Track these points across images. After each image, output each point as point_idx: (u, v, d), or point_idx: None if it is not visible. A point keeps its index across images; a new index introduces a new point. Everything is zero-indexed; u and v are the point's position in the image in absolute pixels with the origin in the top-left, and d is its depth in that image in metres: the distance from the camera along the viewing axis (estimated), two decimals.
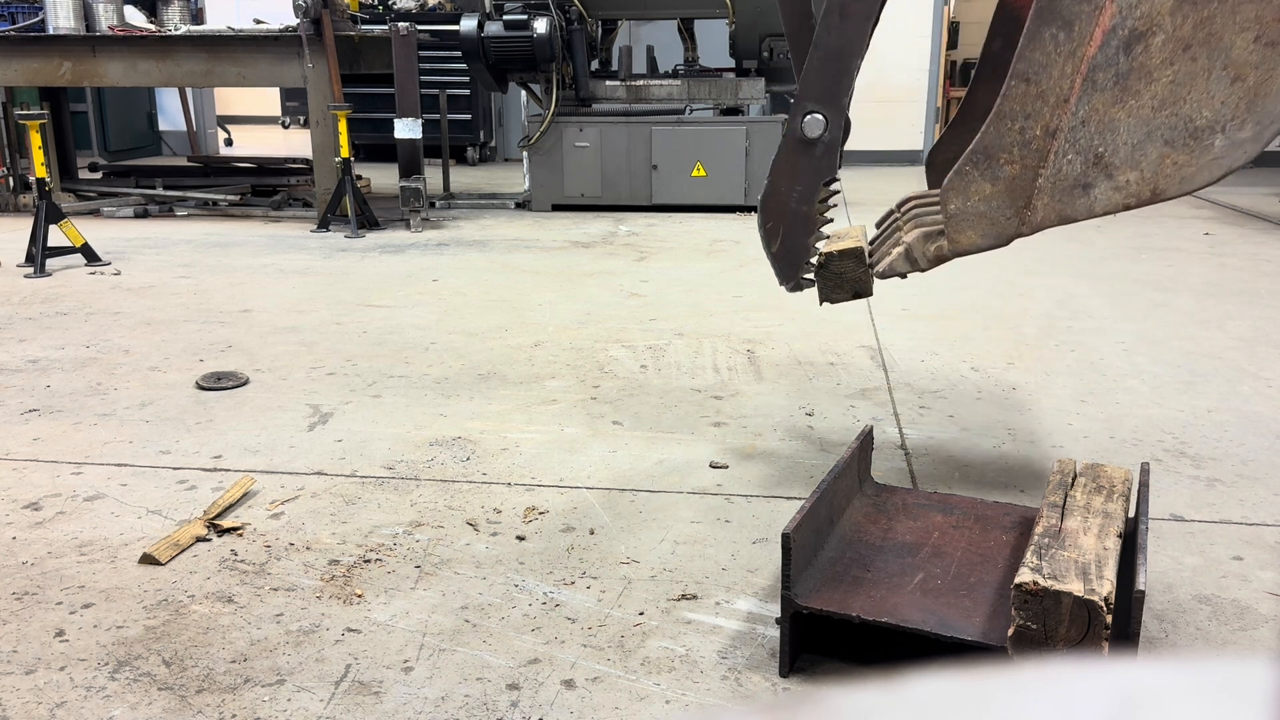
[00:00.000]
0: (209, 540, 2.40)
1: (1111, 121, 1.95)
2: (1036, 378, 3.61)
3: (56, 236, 5.57)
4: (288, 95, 12.87)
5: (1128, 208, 2.00)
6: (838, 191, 2.67)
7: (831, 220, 2.55)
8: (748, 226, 6.89)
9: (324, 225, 6.80)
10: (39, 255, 5.41)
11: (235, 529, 2.45)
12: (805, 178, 2.46)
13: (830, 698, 0.28)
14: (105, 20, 7.14)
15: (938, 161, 2.77)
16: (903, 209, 2.43)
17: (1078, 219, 2.04)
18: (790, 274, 2.54)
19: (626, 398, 3.42)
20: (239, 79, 7.00)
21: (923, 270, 2.22)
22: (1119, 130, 1.96)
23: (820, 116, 2.40)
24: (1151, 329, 4.24)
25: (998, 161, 2.03)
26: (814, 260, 2.47)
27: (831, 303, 2.49)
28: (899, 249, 2.23)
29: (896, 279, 2.40)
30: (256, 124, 14.91)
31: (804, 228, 2.50)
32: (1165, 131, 1.94)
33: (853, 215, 7.12)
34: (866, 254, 2.41)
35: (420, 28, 7.28)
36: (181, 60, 6.95)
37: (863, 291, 2.44)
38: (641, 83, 7.60)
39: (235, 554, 2.34)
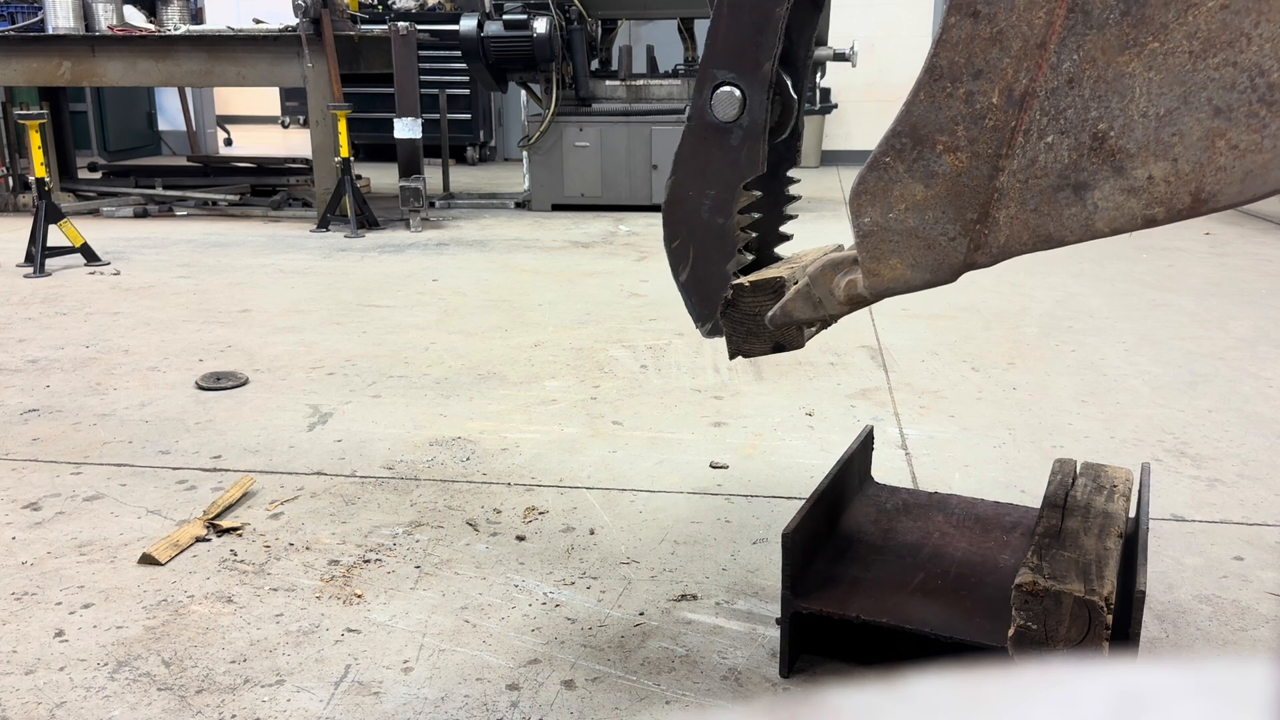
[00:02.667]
0: (209, 540, 2.40)
1: (1120, 79, 1.24)
2: (1036, 378, 3.61)
3: (56, 236, 5.57)
4: (287, 95, 12.87)
5: (1151, 223, 1.27)
6: (794, 198, 2.03)
7: (750, 237, 1.84)
8: None
9: (324, 225, 6.80)
10: (38, 255, 5.41)
11: (235, 529, 2.45)
12: (718, 178, 1.77)
13: (830, 698, 0.28)
14: (105, 20, 7.14)
15: None
16: None
17: (1066, 240, 1.32)
18: (706, 311, 1.84)
19: (626, 398, 3.42)
20: (239, 79, 7.00)
21: (832, 317, 1.62)
22: (1133, 92, 1.24)
23: (734, 90, 1.71)
24: (1152, 329, 4.24)
25: (932, 148, 1.36)
26: (726, 295, 1.83)
27: (745, 355, 1.83)
28: (799, 285, 1.62)
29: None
30: (256, 124, 14.91)
31: (720, 248, 1.80)
32: (1215, 93, 1.21)
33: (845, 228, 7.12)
34: (789, 287, 1.77)
35: (420, 27, 7.28)
36: (181, 60, 6.95)
37: (787, 342, 1.80)
38: (641, 82, 7.61)
39: (235, 554, 2.34)
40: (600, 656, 1.94)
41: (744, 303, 1.79)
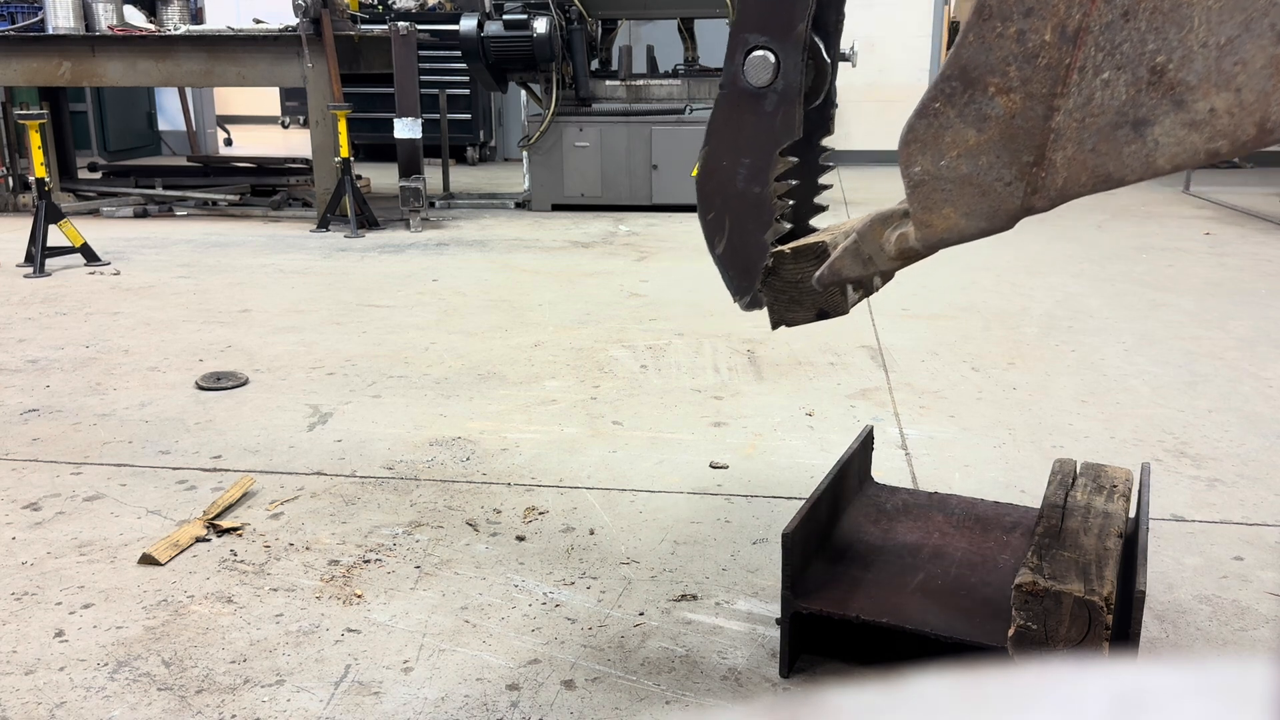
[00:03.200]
0: (208, 540, 2.40)
1: (1177, 9, 1.20)
2: (1036, 378, 3.61)
3: (56, 236, 5.57)
4: (287, 95, 12.87)
5: (1215, 156, 1.22)
6: (828, 168, 1.97)
7: (787, 205, 1.82)
8: None
9: (324, 225, 6.80)
10: (38, 255, 5.41)
11: (235, 529, 2.45)
12: (754, 145, 1.72)
13: (830, 698, 0.28)
14: (105, 20, 7.14)
15: None
16: None
17: (1127, 180, 1.27)
18: (745, 284, 1.81)
19: (626, 398, 3.42)
20: (239, 79, 7.00)
21: (883, 272, 1.56)
22: (1192, 23, 1.20)
23: (768, 53, 1.67)
24: (1152, 329, 4.24)
25: (984, 90, 1.32)
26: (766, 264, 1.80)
27: (788, 324, 1.79)
28: (846, 243, 1.56)
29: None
30: (256, 124, 14.90)
31: (757, 218, 1.76)
32: (1278, 18, 1.18)
33: (853, 216, 7.12)
34: (832, 251, 1.72)
35: (420, 27, 7.28)
36: (181, 60, 6.95)
37: (831, 308, 1.76)
38: (641, 82, 7.61)
39: (235, 554, 2.34)
40: (600, 656, 1.94)
41: (786, 270, 1.75)
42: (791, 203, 1.85)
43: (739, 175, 1.75)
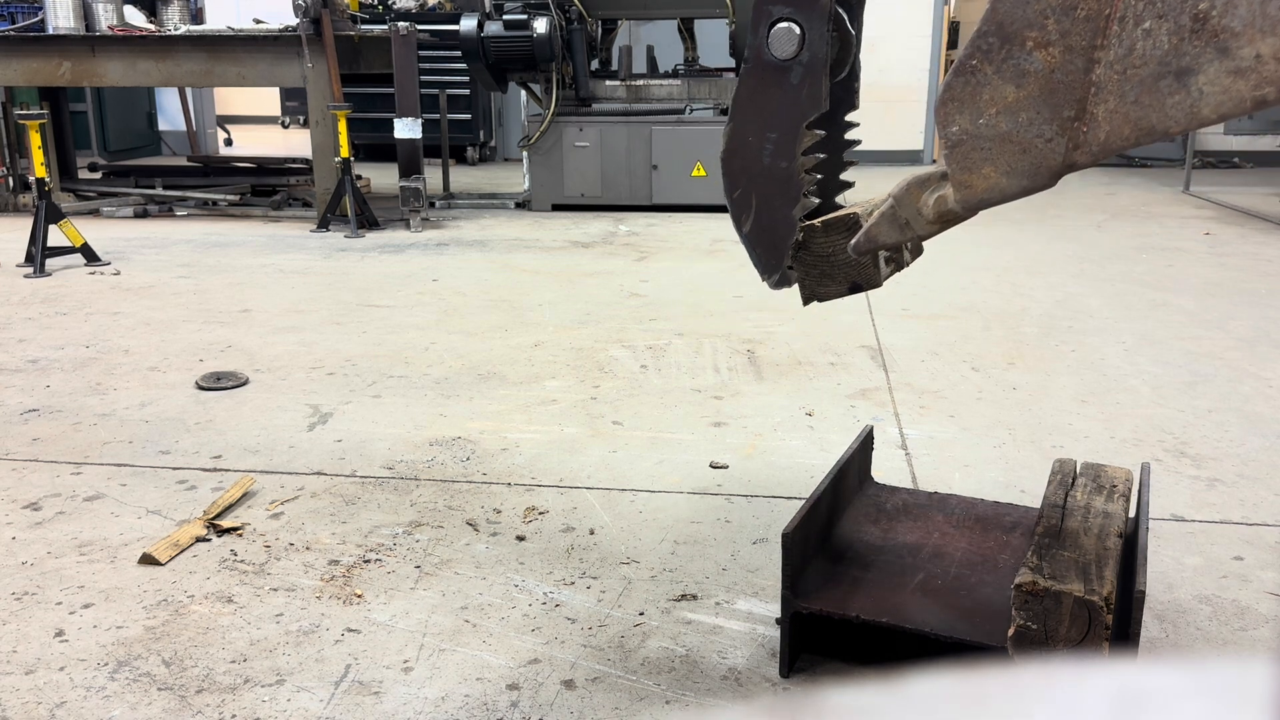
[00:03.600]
0: (209, 540, 2.40)
1: None
2: (1036, 378, 3.61)
3: (56, 236, 5.57)
4: (287, 95, 12.87)
5: (1261, 104, 1.19)
6: (855, 143, 1.93)
7: (815, 180, 1.79)
8: None
9: (324, 225, 6.80)
10: (39, 255, 5.41)
11: (235, 529, 2.45)
12: (780, 119, 1.69)
13: (830, 698, 0.28)
14: (105, 20, 7.14)
15: None
16: None
17: (1171, 131, 1.24)
18: (773, 262, 1.77)
19: (626, 398, 3.42)
20: (239, 79, 7.00)
21: (921, 237, 1.52)
22: None
23: (793, 25, 1.64)
24: (1152, 329, 4.24)
25: (1022, 45, 1.28)
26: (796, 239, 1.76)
27: (820, 299, 1.77)
28: (883, 207, 1.53)
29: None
30: (256, 124, 14.90)
31: (785, 193, 1.72)
32: None
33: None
34: (864, 221, 1.69)
35: (420, 27, 7.28)
36: (181, 60, 6.95)
37: (864, 280, 1.73)
38: (641, 83, 7.61)
39: (235, 554, 2.34)
40: (600, 656, 1.94)
41: (816, 244, 1.72)
42: (819, 177, 1.80)
43: (765, 150, 1.72)
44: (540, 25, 7.09)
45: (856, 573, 2.00)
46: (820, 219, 1.73)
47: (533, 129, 7.56)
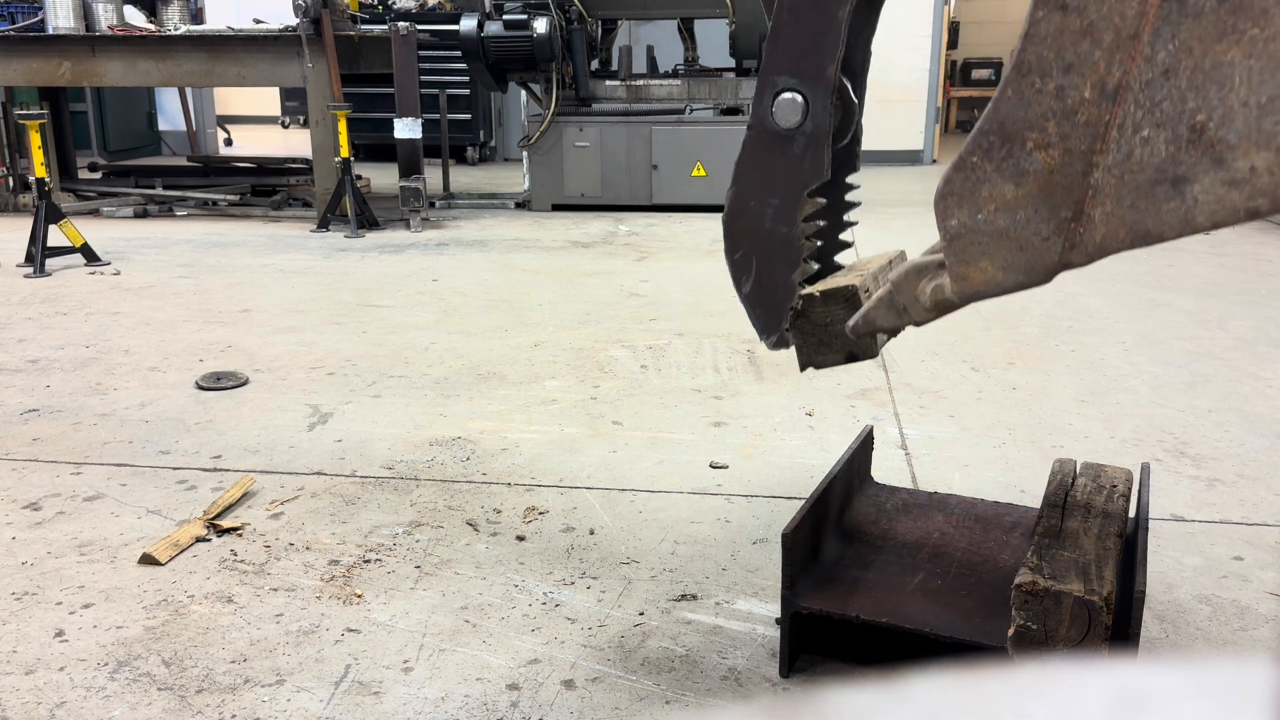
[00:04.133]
0: (209, 540, 2.40)
1: (1218, 68, 1.20)
2: (1036, 378, 3.61)
3: (56, 236, 5.57)
4: (287, 95, 12.87)
5: (1254, 215, 1.23)
6: (854, 204, 2.00)
7: (815, 246, 1.83)
8: None
9: (324, 225, 6.80)
10: (39, 255, 5.41)
11: (235, 529, 2.45)
12: (781, 186, 1.74)
13: (830, 698, 0.28)
14: (105, 20, 7.14)
15: None
16: None
17: (1166, 236, 1.27)
18: (772, 323, 1.82)
19: (626, 398, 3.42)
20: (239, 79, 7.00)
21: (917, 323, 1.55)
22: (1233, 81, 1.20)
23: (797, 96, 1.68)
24: (1152, 329, 4.24)
25: (1022, 145, 1.32)
26: (794, 305, 1.81)
27: (816, 367, 1.81)
28: (881, 292, 1.57)
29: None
30: (256, 124, 14.91)
31: (786, 258, 1.77)
32: None
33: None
34: (865, 296, 1.76)
35: (420, 28, 7.28)
36: (181, 60, 6.95)
37: (860, 351, 1.77)
38: (641, 83, 7.61)
39: (235, 554, 2.34)
40: (600, 656, 1.94)
41: (815, 313, 1.76)
42: (819, 243, 1.84)
43: (766, 215, 1.76)
44: (540, 25, 7.09)
45: (856, 573, 2.00)
46: (820, 288, 1.76)
47: (533, 129, 7.56)
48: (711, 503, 2.63)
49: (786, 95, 1.69)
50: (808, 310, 1.76)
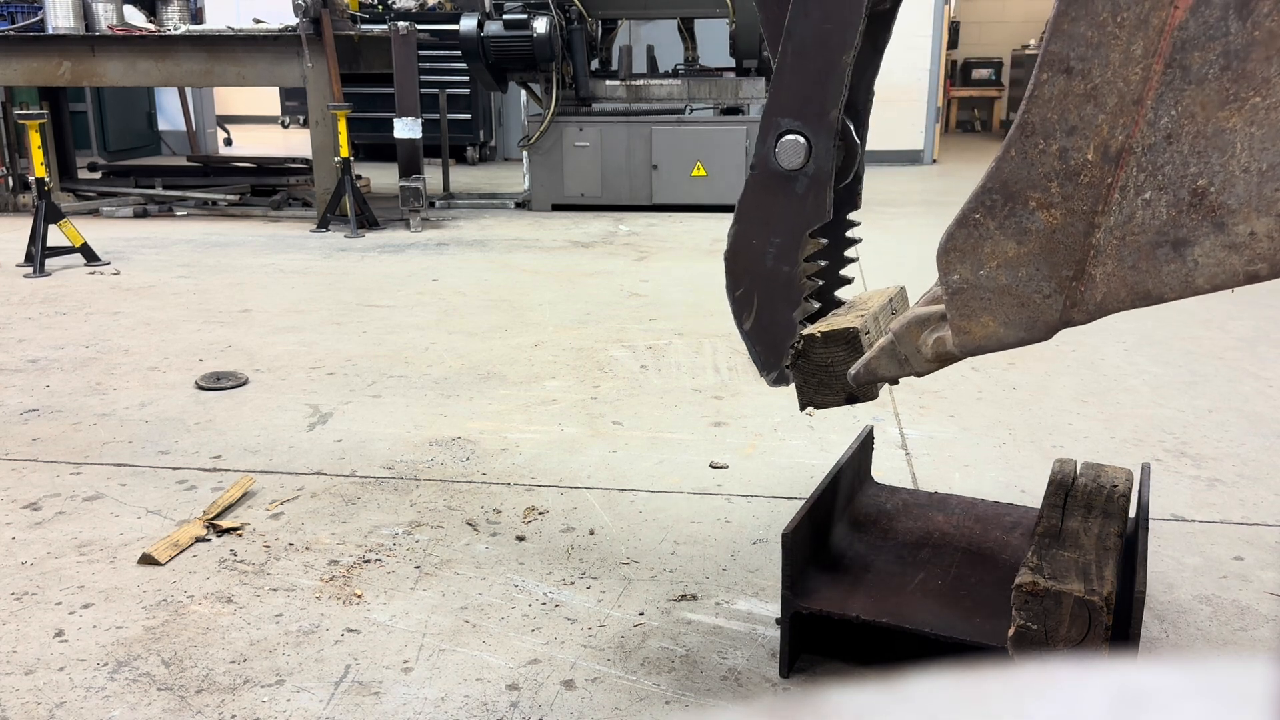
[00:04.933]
0: (208, 540, 2.40)
1: (1220, 134, 1.23)
2: (1036, 378, 3.61)
3: (56, 236, 5.57)
4: (287, 95, 12.87)
5: (1254, 279, 1.26)
6: (855, 241, 2.01)
7: (816, 285, 1.85)
8: None
9: (324, 225, 6.80)
10: (38, 255, 5.41)
11: (235, 529, 2.45)
12: (784, 226, 1.76)
13: (830, 698, 0.28)
14: (104, 20, 7.14)
15: None
16: None
17: (1166, 297, 1.30)
18: (772, 360, 1.84)
19: (626, 398, 3.42)
20: (239, 79, 7.00)
21: (918, 373, 1.56)
22: (1234, 148, 1.23)
23: (799, 138, 1.70)
24: (1152, 329, 4.24)
25: (1025, 204, 1.34)
26: (794, 345, 1.82)
27: (816, 407, 1.82)
28: (882, 340, 1.58)
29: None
30: (256, 124, 14.91)
31: (787, 296, 1.79)
32: None
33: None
34: (866, 339, 1.76)
35: (420, 27, 7.28)
36: (181, 60, 6.95)
37: (860, 394, 1.79)
38: (641, 82, 7.61)
39: (235, 554, 2.34)
40: (600, 656, 1.94)
41: (816, 354, 1.77)
42: (820, 282, 1.87)
43: (768, 254, 1.78)
44: (540, 25, 7.09)
45: (856, 573, 2.00)
46: (820, 329, 1.78)
47: (533, 129, 7.56)
48: (711, 503, 2.63)
49: (790, 137, 1.72)
50: (808, 351, 1.78)
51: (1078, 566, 1.68)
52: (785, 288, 1.78)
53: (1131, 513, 2.07)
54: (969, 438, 3.06)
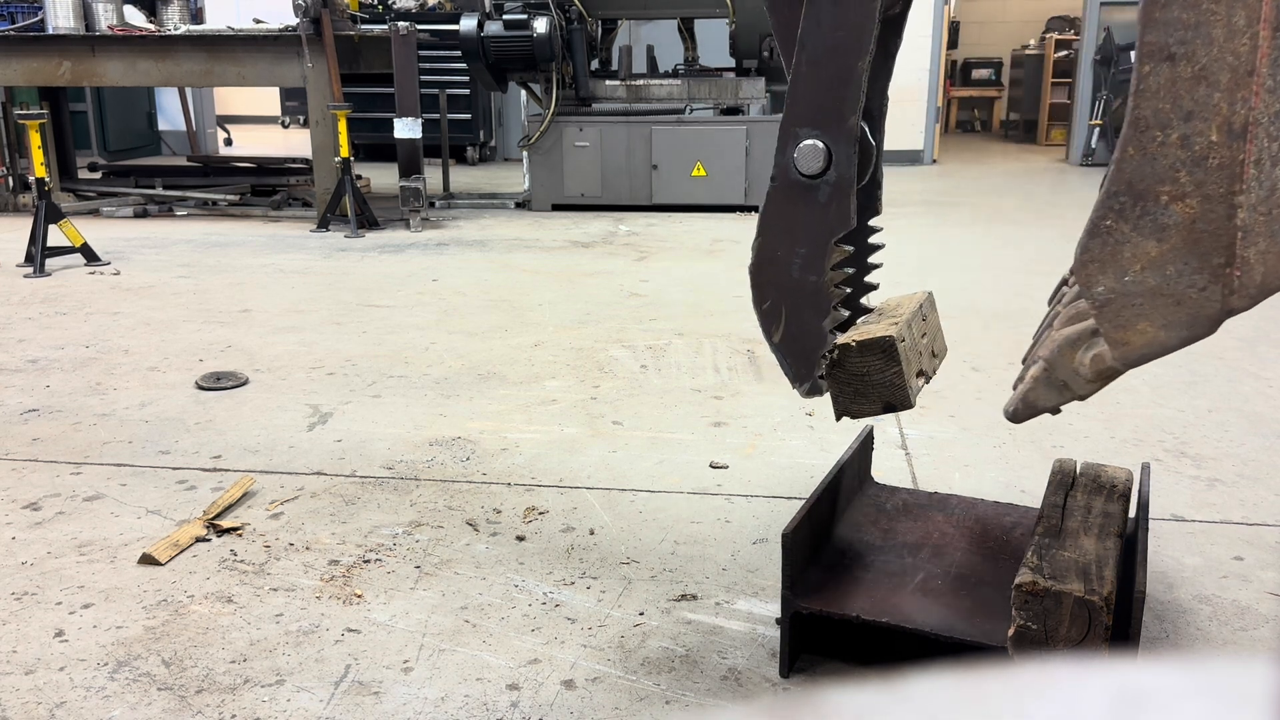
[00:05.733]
0: (208, 540, 2.40)
1: None
2: None
3: (56, 236, 5.57)
4: (287, 95, 12.87)
5: None
6: (877, 246, 2.01)
7: (844, 293, 1.83)
8: (747, 226, 6.88)
9: (324, 225, 6.80)
10: (38, 255, 5.41)
11: (235, 529, 2.45)
12: (808, 235, 1.74)
13: (830, 698, 0.28)
14: (105, 20, 7.14)
15: None
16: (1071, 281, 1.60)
17: None
18: (804, 371, 1.81)
19: (626, 398, 3.42)
20: (239, 79, 7.00)
21: (1081, 396, 1.48)
22: None
23: (819, 144, 1.70)
24: None
25: (1156, 200, 1.29)
26: (828, 353, 1.79)
27: (853, 416, 1.81)
28: (1034, 370, 1.50)
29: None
30: (256, 124, 14.91)
31: (815, 306, 1.77)
32: None
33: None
34: (901, 346, 1.74)
35: (420, 27, 7.28)
36: (181, 60, 6.95)
37: (897, 402, 1.77)
38: (641, 82, 7.61)
39: (235, 554, 2.34)
40: (600, 656, 1.94)
41: (851, 363, 1.75)
42: (848, 290, 1.87)
43: (794, 265, 1.76)
44: (540, 25, 7.10)
45: (856, 573, 2.00)
46: (855, 339, 1.76)
47: (533, 129, 7.56)
48: (711, 503, 2.63)
49: (808, 144, 1.70)
50: (844, 360, 1.76)
51: (1078, 566, 1.68)
52: (814, 297, 1.76)
53: (1131, 513, 2.07)
54: (969, 438, 3.06)
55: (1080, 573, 1.66)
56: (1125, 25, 10.48)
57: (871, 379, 1.74)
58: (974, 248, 6.04)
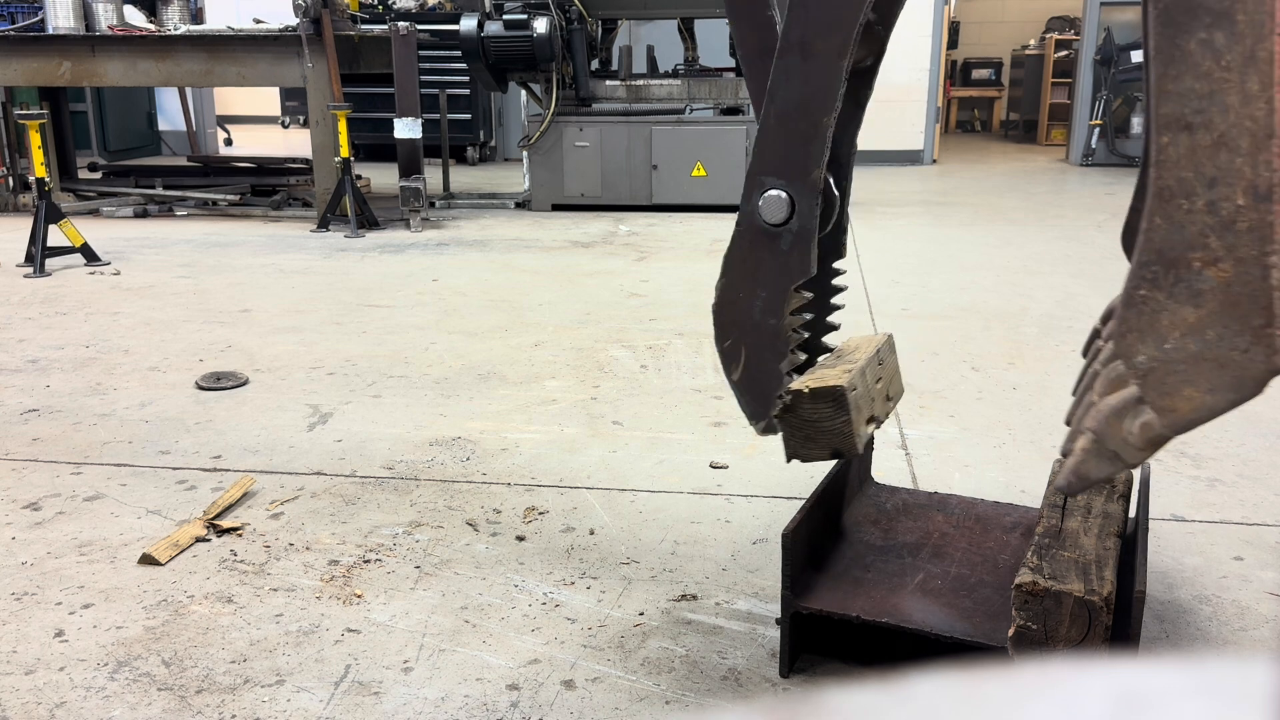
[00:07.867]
0: (208, 540, 2.40)
1: None
2: (1036, 378, 3.61)
3: (56, 236, 5.57)
4: (287, 95, 12.88)
5: None
6: (839, 289, 2.05)
7: (802, 337, 1.87)
8: None
9: (324, 225, 6.80)
10: (38, 255, 5.41)
11: (235, 529, 2.45)
12: (769, 280, 1.79)
13: (830, 698, 0.28)
14: (105, 20, 7.14)
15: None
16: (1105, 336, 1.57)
17: None
18: (760, 410, 1.85)
19: (626, 398, 3.42)
20: (239, 79, 7.00)
21: (1132, 465, 1.47)
22: None
23: (783, 195, 1.75)
24: None
25: (1189, 267, 1.30)
26: (781, 397, 1.81)
27: (802, 459, 1.82)
28: (1083, 442, 1.48)
29: None
30: (256, 124, 14.91)
31: (774, 349, 1.82)
32: None
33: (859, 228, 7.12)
34: (852, 395, 1.75)
35: (420, 27, 7.28)
36: (181, 60, 6.95)
37: (845, 449, 1.77)
38: (641, 82, 7.61)
39: (235, 554, 2.34)
40: (600, 656, 1.94)
41: (803, 409, 1.78)
42: (806, 335, 1.91)
43: (755, 307, 1.81)
44: (540, 25, 7.10)
45: (856, 573, 2.00)
46: (809, 385, 1.78)
47: (533, 129, 7.56)
48: (711, 503, 2.63)
49: (772, 193, 1.76)
50: (796, 406, 1.78)
51: (1078, 566, 1.68)
52: (772, 340, 1.81)
53: (1131, 513, 2.07)
54: (969, 438, 3.06)
55: (1080, 573, 1.66)
56: (1125, 25, 10.48)
57: (821, 425, 1.76)
58: (974, 247, 6.04)
